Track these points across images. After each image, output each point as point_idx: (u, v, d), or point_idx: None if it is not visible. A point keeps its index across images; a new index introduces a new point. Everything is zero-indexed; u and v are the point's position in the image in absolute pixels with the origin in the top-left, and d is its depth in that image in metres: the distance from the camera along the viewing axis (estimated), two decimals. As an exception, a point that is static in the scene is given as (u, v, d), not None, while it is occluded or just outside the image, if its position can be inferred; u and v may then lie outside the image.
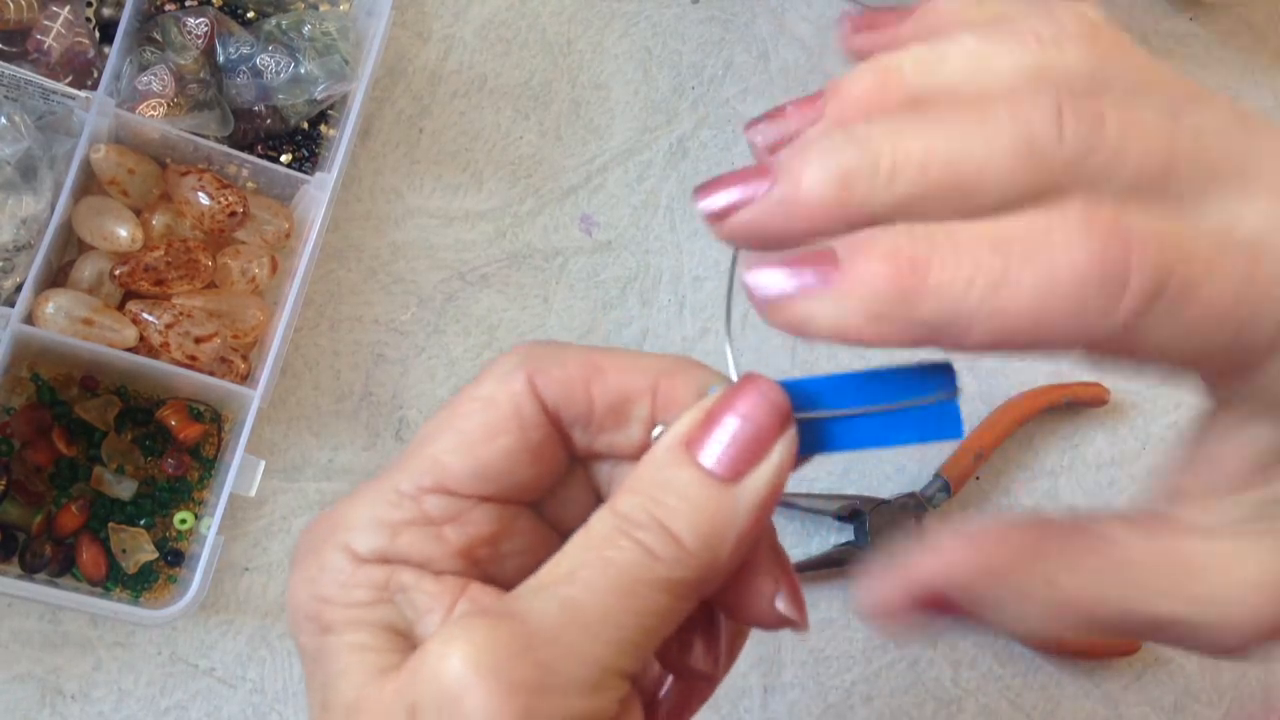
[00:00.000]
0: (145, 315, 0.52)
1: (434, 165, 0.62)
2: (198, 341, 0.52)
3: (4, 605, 0.52)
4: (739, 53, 0.69)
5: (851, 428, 0.26)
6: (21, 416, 0.52)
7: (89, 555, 0.52)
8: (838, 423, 0.26)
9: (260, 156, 0.56)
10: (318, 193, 0.55)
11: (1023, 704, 0.64)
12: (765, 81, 0.69)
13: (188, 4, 0.57)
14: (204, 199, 0.54)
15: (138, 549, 0.53)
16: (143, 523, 0.54)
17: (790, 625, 0.28)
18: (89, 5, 0.56)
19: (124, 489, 0.53)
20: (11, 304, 0.50)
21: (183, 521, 0.54)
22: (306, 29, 0.57)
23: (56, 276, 0.54)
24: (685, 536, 0.25)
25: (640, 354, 0.28)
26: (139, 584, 0.53)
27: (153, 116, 0.54)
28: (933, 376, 0.26)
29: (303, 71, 0.56)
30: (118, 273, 0.53)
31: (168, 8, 0.57)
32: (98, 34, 0.56)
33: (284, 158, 0.58)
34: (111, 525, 0.53)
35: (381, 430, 0.59)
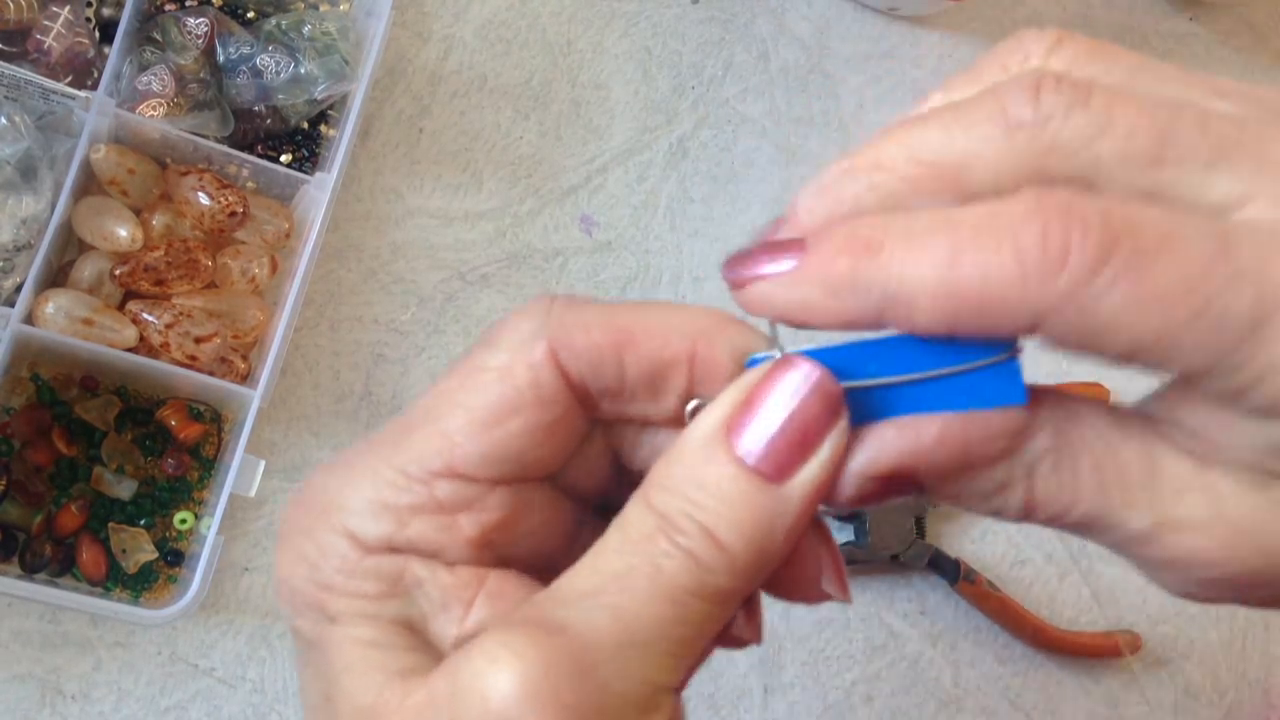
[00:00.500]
0: (145, 315, 0.52)
1: (434, 165, 0.62)
2: (198, 341, 0.52)
3: (4, 605, 0.52)
4: (739, 53, 0.69)
5: (900, 397, 0.24)
6: (21, 416, 0.52)
7: (89, 555, 0.52)
8: (884, 392, 0.24)
9: (260, 156, 0.56)
10: (318, 193, 0.55)
11: (1023, 704, 0.64)
12: (765, 81, 0.69)
13: (188, 4, 0.57)
14: (204, 199, 0.54)
15: (138, 549, 0.53)
16: (143, 523, 0.54)
17: (833, 599, 0.27)
18: (89, 5, 0.56)
19: (124, 489, 0.53)
20: (11, 304, 0.50)
21: (183, 521, 0.54)
22: (306, 29, 0.57)
23: (56, 276, 0.54)
24: (731, 543, 0.23)
25: (673, 309, 0.26)
26: (139, 584, 0.53)
27: (153, 116, 0.54)
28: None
29: (303, 71, 0.56)
30: (118, 273, 0.53)
31: (168, 8, 0.57)
32: (98, 34, 0.56)
33: (284, 158, 0.58)
34: (111, 525, 0.53)
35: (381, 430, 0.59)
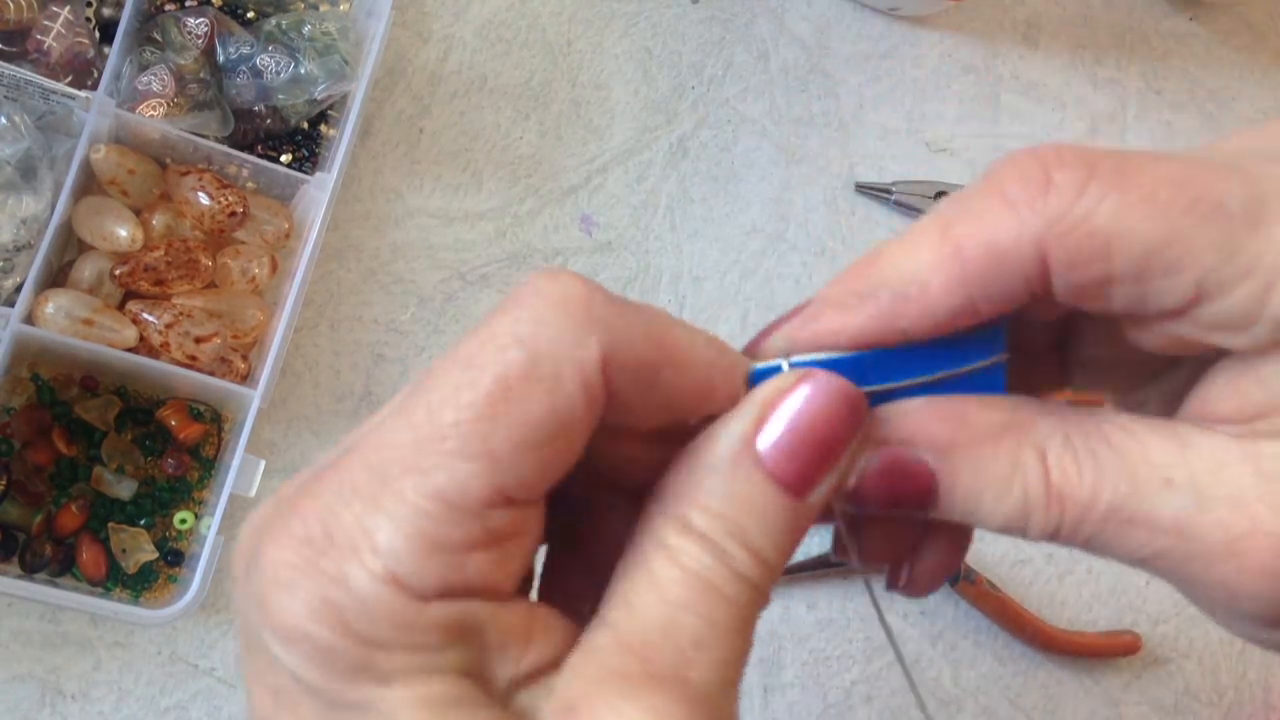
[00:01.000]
0: (145, 315, 0.52)
1: (434, 165, 0.62)
2: (198, 341, 0.52)
3: (4, 605, 0.52)
4: (739, 53, 0.69)
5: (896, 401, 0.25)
6: (21, 416, 0.52)
7: (89, 555, 0.52)
8: (887, 395, 0.25)
9: (260, 156, 0.56)
10: (318, 193, 0.55)
11: (1023, 704, 0.64)
12: (765, 81, 0.69)
13: (188, 4, 0.57)
14: (204, 199, 0.54)
15: (138, 549, 0.53)
16: (143, 523, 0.54)
17: None
18: (89, 5, 0.56)
19: (124, 489, 0.53)
20: (11, 304, 0.50)
21: (183, 521, 0.54)
22: (306, 29, 0.57)
23: (56, 276, 0.54)
24: (775, 562, 0.23)
25: (697, 332, 0.24)
26: (139, 584, 0.53)
27: (153, 116, 0.54)
28: (982, 340, 0.25)
29: (303, 71, 0.56)
30: (118, 273, 0.53)
31: (168, 8, 0.57)
32: (98, 34, 0.56)
33: (284, 158, 0.58)
34: (111, 525, 0.53)
35: (381, 430, 0.59)
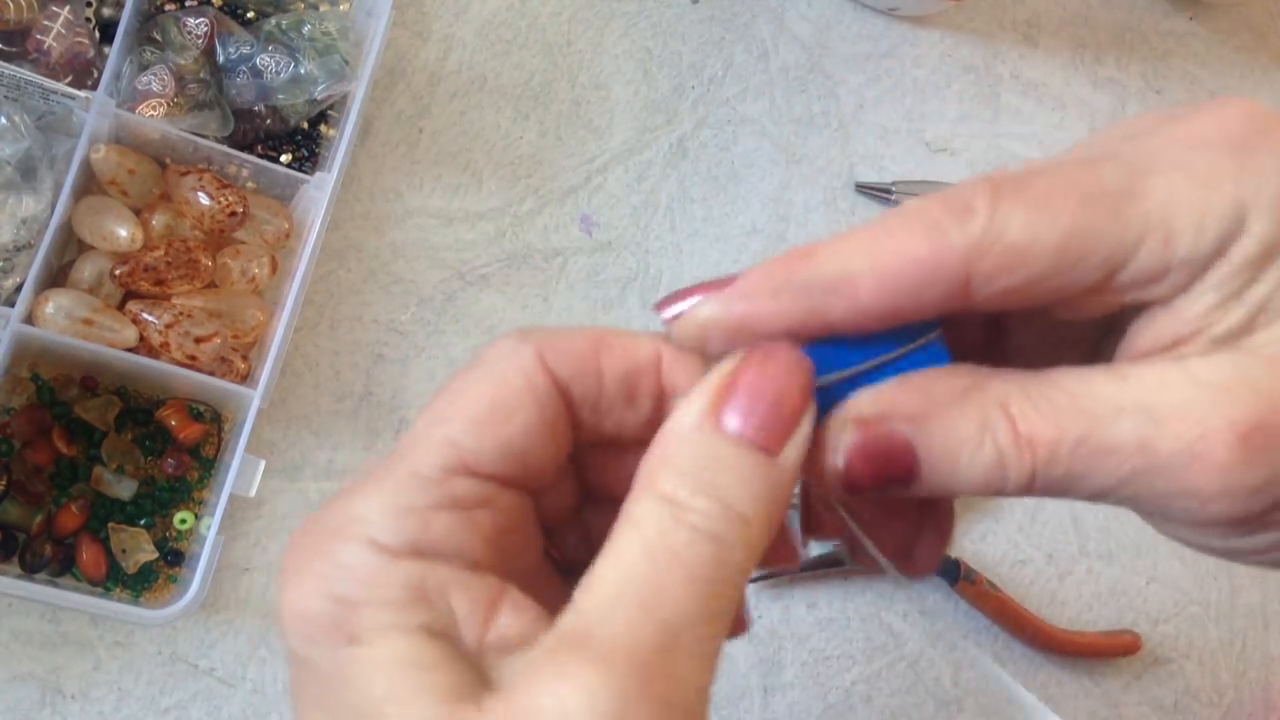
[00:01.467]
0: (145, 315, 0.52)
1: (434, 165, 0.62)
2: (198, 341, 0.52)
3: (4, 605, 0.52)
4: (739, 53, 0.69)
5: (841, 392, 0.26)
6: (21, 416, 0.52)
7: (89, 555, 0.52)
8: (837, 385, 0.26)
9: (260, 156, 0.56)
10: (318, 193, 0.55)
11: (1023, 704, 0.64)
12: (765, 81, 0.69)
13: (188, 4, 0.57)
14: (204, 199, 0.54)
15: (138, 549, 0.53)
16: (143, 523, 0.54)
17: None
18: (89, 5, 0.56)
19: (124, 489, 0.53)
20: (11, 304, 0.50)
21: (183, 521, 0.54)
22: (306, 29, 0.57)
23: (56, 276, 0.54)
24: (751, 515, 0.23)
25: (635, 331, 0.27)
26: (139, 584, 0.53)
27: (153, 116, 0.54)
28: (915, 327, 0.26)
29: (303, 71, 0.56)
30: (118, 273, 0.53)
31: (168, 8, 0.57)
32: (98, 34, 0.56)
33: (284, 158, 0.58)
34: (111, 525, 0.53)
35: (381, 430, 0.59)
